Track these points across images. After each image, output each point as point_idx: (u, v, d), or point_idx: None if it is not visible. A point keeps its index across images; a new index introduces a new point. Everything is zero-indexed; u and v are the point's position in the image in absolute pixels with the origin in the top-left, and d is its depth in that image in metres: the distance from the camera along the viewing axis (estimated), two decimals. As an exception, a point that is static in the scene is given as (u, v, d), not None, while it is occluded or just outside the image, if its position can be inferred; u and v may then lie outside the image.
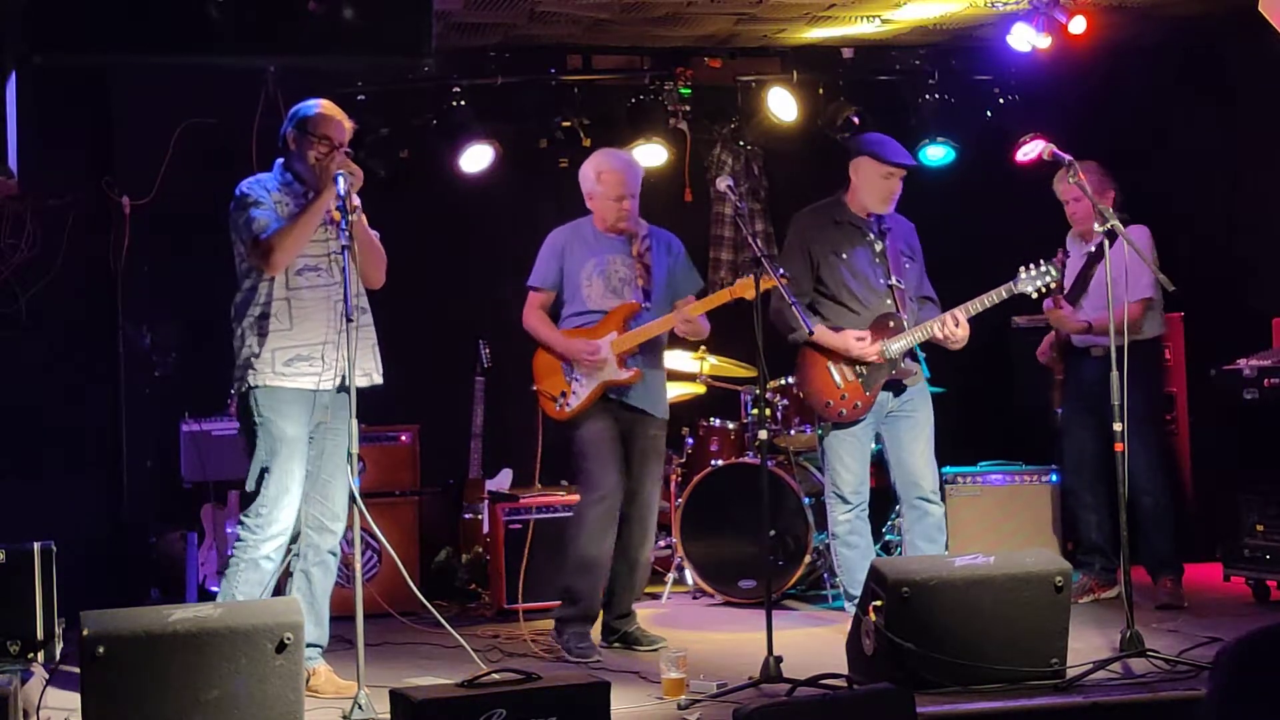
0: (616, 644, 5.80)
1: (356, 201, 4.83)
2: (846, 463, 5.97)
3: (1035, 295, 5.79)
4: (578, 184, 5.92)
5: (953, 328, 5.80)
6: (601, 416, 5.74)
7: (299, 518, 4.98)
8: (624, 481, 5.73)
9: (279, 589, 5.05)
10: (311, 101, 5.09)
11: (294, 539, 5.01)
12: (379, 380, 5.11)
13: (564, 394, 5.77)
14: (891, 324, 5.91)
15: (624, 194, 5.77)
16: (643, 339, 5.74)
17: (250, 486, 4.94)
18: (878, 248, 5.98)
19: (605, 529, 5.69)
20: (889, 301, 5.94)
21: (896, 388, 5.99)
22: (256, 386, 4.92)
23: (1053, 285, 5.79)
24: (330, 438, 5.03)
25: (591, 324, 5.76)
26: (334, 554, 5.09)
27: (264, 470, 4.91)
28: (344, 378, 4.90)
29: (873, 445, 6.09)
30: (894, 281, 5.95)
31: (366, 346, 5.06)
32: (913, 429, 5.99)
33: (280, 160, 5.09)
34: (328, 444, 5.03)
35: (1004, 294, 5.77)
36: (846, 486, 5.97)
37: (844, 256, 5.97)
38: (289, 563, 5.03)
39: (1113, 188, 6.29)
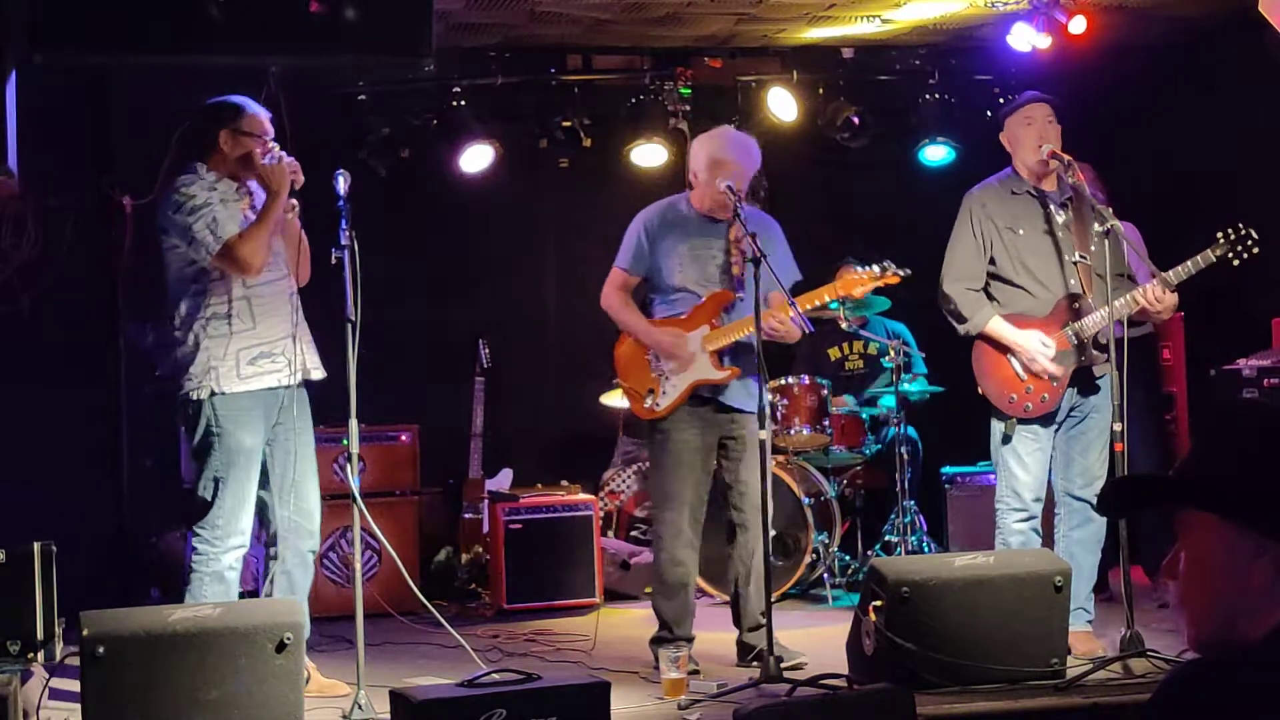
0: (754, 662, 5.18)
1: (294, 203, 4.87)
2: (1025, 462, 5.33)
3: (1234, 259, 5.23)
4: (577, 184, 5.87)
5: (1159, 293, 5.22)
6: (689, 425, 5.35)
7: (274, 521, 4.93)
8: (704, 494, 5.38)
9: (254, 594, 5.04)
10: (233, 99, 4.97)
11: (274, 541, 4.96)
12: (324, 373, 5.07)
13: (652, 391, 5.39)
14: (1077, 305, 5.31)
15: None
16: (737, 335, 5.33)
17: (204, 495, 4.81)
18: (1060, 219, 5.38)
19: (684, 550, 5.34)
20: (1073, 281, 5.33)
21: (1081, 381, 5.36)
22: (217, 394, 4.79)
23: (1253, 248, 5.20)
24: (295, 438, 4.93)
25: (684, 312, 5.40)
26: (312, 551, 5.03)
27: (218, 480, 4.80)
28: (301, 373, 4.91)
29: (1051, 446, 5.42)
30: (1078, 257, 5.33)
31: (310, 340, 5.00)
32: (1087, 430, 5.36)
33: (198, 162, 4.91)
34: (294, 445, 4.93)
35: (1204, 261, 5.24)
36: (1025, 489, 5.32)
37: (1020, 232, 5.37)
38: (269, 565, 4.97)
39: (1102, 190, 6.28)
